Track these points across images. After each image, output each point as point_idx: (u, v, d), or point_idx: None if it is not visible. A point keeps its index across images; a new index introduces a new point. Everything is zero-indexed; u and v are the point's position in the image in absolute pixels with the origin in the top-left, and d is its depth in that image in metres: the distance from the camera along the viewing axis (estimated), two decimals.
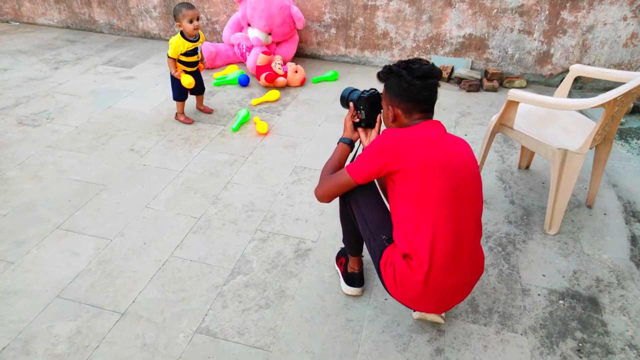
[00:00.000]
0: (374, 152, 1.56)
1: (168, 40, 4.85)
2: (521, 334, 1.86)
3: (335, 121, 3.42)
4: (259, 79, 3.90)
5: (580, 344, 1.84)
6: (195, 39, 3.05)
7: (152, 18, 4.88)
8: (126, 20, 4.96)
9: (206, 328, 1.84)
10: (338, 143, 1.86)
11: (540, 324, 1.91)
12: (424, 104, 1.62)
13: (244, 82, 3.91)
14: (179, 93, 3.23)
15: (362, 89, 1.87)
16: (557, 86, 3.89)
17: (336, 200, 1.83)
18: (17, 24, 5.26)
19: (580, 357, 1.79)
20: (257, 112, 3.54)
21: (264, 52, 3.89)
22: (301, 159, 2.98)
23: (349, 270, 2.02)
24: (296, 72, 3.96)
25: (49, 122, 3.28)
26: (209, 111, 3.47)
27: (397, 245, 1.58)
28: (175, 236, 2.30)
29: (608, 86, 3.90)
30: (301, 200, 2.60)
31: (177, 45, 2.99)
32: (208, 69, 4.19)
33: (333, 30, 4.44)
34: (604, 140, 2.41)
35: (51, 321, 1.84)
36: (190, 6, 2.96)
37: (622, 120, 3.57)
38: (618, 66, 3.96)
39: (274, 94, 3.73)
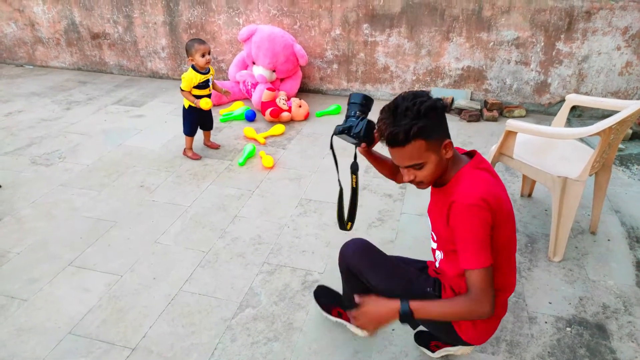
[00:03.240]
0: (478, 229, 1.31)
1: (175, 79, 5.05)
2: None
3: (339, 154, 3.48)
4: (264, 115, 4.01)
5: None
6: (206, 71, 3.17)
7: (160, 59, 5.06)
8: (135, 61, 5.14)
9: None
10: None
11: (549, 352, 1.91)
12: (448, 134, 1.43)
13: (250, 117, 4.03)
14: (190, 128, 3.35)
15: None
16: (556, 114, 3.97)
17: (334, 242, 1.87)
18: (31, 67, 5.47)
19: None
20: (262, 146, 3.63)
21: (268, 89, 4.02)
22: (306, 191, 3.04)
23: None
24: (300, 106, 4.07)
25: (61, 161, 3.38)
26: (216, 147, 3.57)
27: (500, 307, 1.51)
28: (184, 270, 2.34)
29: (607, 113, 3.96)
30: (307, 232, 2.64)
31: (190, 78, 3.11)
32: (215, 105, 4.31)
33: (335, 66, 4.59)
34: (603, 167, 2.45)
35: (64, 358, 1.87)
36: (202, 41, 3.11)
37: (622, 146, 3.62)
38: (615, 94, 4.04)
39: (278, 128, 3.84)
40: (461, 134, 3.89)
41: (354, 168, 1.79)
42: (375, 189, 3.07)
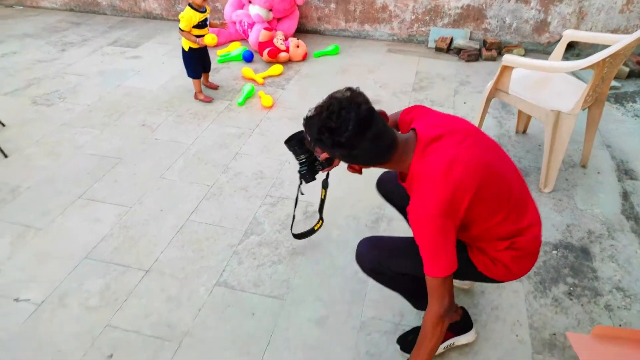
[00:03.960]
0: (437, 239, 1.25)
1: (170, 19, 4.95)
2: (516, 281, 2.00)
3: None
4: (261, 55, 3.99)
5: (571, 288, 1.98)
6: (203, 10, 3.11)
7: None
8: (128, 1, 5.02)
9: (224, 282, 2.00)
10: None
11: (535, 272, 2.05)
12: (384, 155, 1.30)
13: (248, 58, 4.01)
14: (194, 70, 3.31)
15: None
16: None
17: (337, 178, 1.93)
18: (21, 7, 5.33)
19: (571, 299, 1.93)
20: (261, 86, 3.65)
21: (265, 29, 3.97)
22: None
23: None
24: (298, 47, 4.04)
25: (62, 102, 3.40)
26: (214, 87, 3.57)
27: (487, 248, 1.42)
28: (190, 203, 2.44)
29: None
30: None
31: (189, 16, 3.03)
32: (213, 46, 4.27)
33: (333, 5, 4.50)
34: (596, 102, 2.51)
35: (82, 279, 2.00)
36: None
37: (618, 84, 3.66)
38: (615, 32, 4.02)
39: (277, 68, 3.83)
40: (460, 73, 3.90)
41: (325, 184, 2.00)
42: None
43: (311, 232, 2.17)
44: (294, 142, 1.70)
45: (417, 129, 1.35)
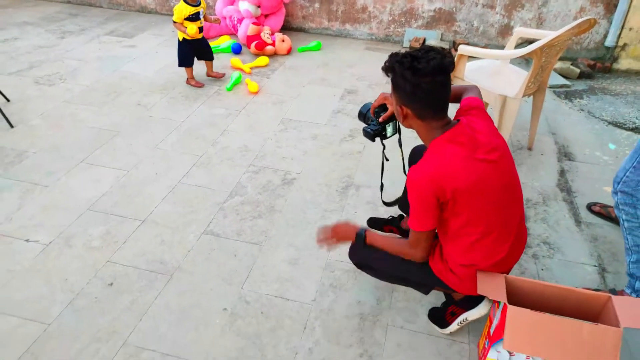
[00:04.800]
0: (418, 199, 1.50)
1: (163, 14, 5.26)
2: None
3: (318, 84, 3.87)
4: (249, 47, 4.32)
5: None
6: (196, 4, 3.43)
7: None
8: None
9: (211, 231, 2.31)
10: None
11: None
12: (436, 104, 1.50)
13: (236, 49, 4.33)
14: (184, 59, 3.60)
15: (373, 109, 1.87)
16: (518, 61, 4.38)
17: (328, 169, 2.26)
18: None
19: None
20: (248, 75, 3.97)
21: (254, 23, 4.30)
22: (288, 113, 3.43)
23: (456, 298, 1.87)
24: (283, 41, 4.38)
25: (62, 82, 3.68)
26: (220, 76, 3.84)
27: (450, 258, 1.61)
28: (181, 169, 2.75)
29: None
30: (287, 144, 3.05)
31: (180, 9, 3.36)
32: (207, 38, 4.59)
33: (317, 5, 4.86)
34: (539, 90, 2.89)
35: (85, 225, 2.29)
36: None
37: (569, 83, 4.07)
38: None
39: (263, 60, 4.16)
40: None
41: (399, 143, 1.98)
42: (349, 113, 3.47)
43: (399, 199, 2.21)
44: (365, 109, 1.91)
45: (462, 122, 1.53)
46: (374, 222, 2.32)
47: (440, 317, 1.89)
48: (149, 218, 2.37)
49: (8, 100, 3.33)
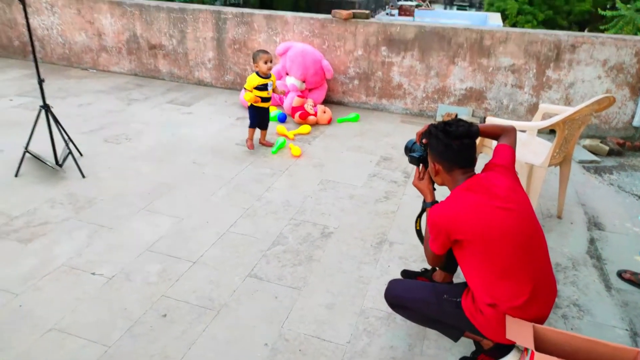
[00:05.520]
0: (431, 231, 1.80)
1: (217, 87, 5.85)
2: None
3: (355, 150, 4.18)
4: (293, 117, 4.74)
5: None
6: (266, 77, 3.87)
7: (206, 69, 5.88)
8: (185, 70, 5.97)
9: (255, 274, 2.51)
10: (424, 209, 2.10)
11: None
12: (462, 161, 1.83)
13: (282, 119, 4.76)
14: (254, 122, 4.01)
15: (419, 143, 2.10)
16: (546, 134, 4.62)
17: (356, 202, 2.50)
18: (94, 71, 6.34)
19: None
20: (291, 141, 4.34)
21: (299, 96, 4.76)
22: (327, 174, 3.71)
23: (485, 347, 1.95)
24: (324, 112, 4.79)
25: (128, 141, 4.13)
26: (269, 145, 4.18)
27: (477, 296, 1.74)
28: (229, 219, 3.02)
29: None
30: (326, 202, 3.30)
31: (252, 80, 3.82)
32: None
33: (356, 82, 5.33)
34: (565, 160, 3.08)
35: (144, 263, 2.55)
36: (265, 52, 3.83)
37: (599, 159, 4.22)
38: (597, 116, 4.67)
39: (305, 128, 4.55)
40: None
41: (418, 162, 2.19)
42: (384, 177, 3.72)
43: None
44: (410, 143, 2.19)
45: (479, 174, 1.84)
46: (407, 274, 2.48)
47: None
48: (199, 260, 2.61)
49: (81, 155, 3.77)
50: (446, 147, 1.82)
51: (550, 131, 4.21)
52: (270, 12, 5.50)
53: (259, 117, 4.04)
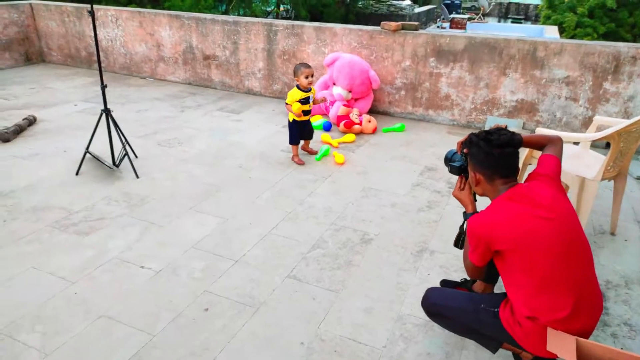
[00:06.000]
0: (471, 241, 1.77)
1: (266, 96, 6.02)
2: None
3: (399, 159, 4.18)
4: (338, 126, 4.79)
5: None
6: (307, 90, 3.88)
7: (256, 78, 6.07)
8: (236, 79, 6.19)
9: (294, 276, 2.56)
10: (465, 220, 2.01)
11: None
12: (504, 170, 1.79)
13: (327, 127, 4.83)
14: (294, 138, 4.01)
15: (459, 153, 2.08)
16: (602, 147, 4.43)
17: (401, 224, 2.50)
18: (152, 80, 6.70)
19: None
20: (335, 149, 4.39)
21: (344, 105, 4.81)
22: (370, 182, 3.73)
23: (524, 359, 1.95)
24: (369, 121, 4.82)
25: (180, 145, 4.33)
26: (314, 152, 4.24)
27: (516, 308, 1.69)
28: (272, 221, 3.09)
29: None
30: (367, 209, 3.31)
31: (293, 94, 3.82)
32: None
33: (403, 92, 5.32)
34: (619, 175, 2.94)
35: (189, 259, 2.66)
36: (307, 66, 3.79)
37: None
38: None
39: (350, 137, 4.59)
40: None
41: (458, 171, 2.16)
42: (428, 186, 3.69)
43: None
44: (450, 154, 2.16)
45: (521, 184, 1.81)
46: (446, 284, 2.44)
47: None
48: (242, 259, 2.69)
49: (136, 157, 3.99)
50: (487, 156, 1.79)
51: (607, 145, 4.03)
52: (319, 24, 5.62)
53: (300, 131, 4.02)
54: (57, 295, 2.36)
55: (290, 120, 3.99)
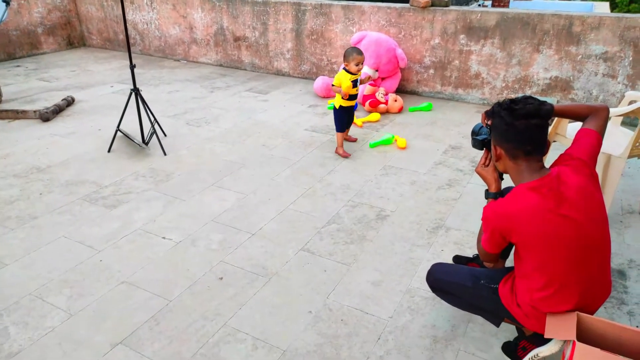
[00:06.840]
0: (485, 229, 1.67)
1: (294, 76, 6.04)
2: None
3: (423, 139, 4.13)
4: (364, 105, 4.77)
5: None
6: (355, 73, 3.63)
7: (285, 59, 6.10)
8: (265, 60, 6.25)
9: (308, 249, 2.62)
10: (486, 199, 1.89)
11: None
12: (527, 145, 1.56)
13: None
14: (341, 125, 3.84)
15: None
16: (636, 125, 4.20)
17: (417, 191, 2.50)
18: (185, 62, 6.86)
19: None
20: (359, 129, 4.38)
21: (370, 84, 4.78)
22: (391, 161, 3.71)
23: (527, 333, 1.89)
24: (395, 101, 4.77)
25: (207, 125, 4.44)
26: (353, 140, 4.12)
27: (519, 294, 1.66)
28: (290, 197, 3.15)
29: None
30: (386, 186, 3.31)
31: (342, 76, 3.65)
32: (324, 97, 5.19)
33: (431, 71, 5.22)
34: None
35: (208, 232, 2.76)
36: (360, 52, 3.54)
37: None
38: None
39: (374, 116, 4.57)
40: None
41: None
42: (450, 165, 3.64)
43: None
44: (477, 127, 1.96)
45: (552, 172, 1.58)
46: (458, 259, 2.43)
47: (512, 351, 1.92)
48: (258, 232, 2.76)
49: (165, 135, 4.13)
50: (508, 127, 1.55)
51: None
52: (347, 3, 5.57)
53: (347, 118, 3.84)
54: (84, 262, 2.52)
55: (337, 107, 3.74)
